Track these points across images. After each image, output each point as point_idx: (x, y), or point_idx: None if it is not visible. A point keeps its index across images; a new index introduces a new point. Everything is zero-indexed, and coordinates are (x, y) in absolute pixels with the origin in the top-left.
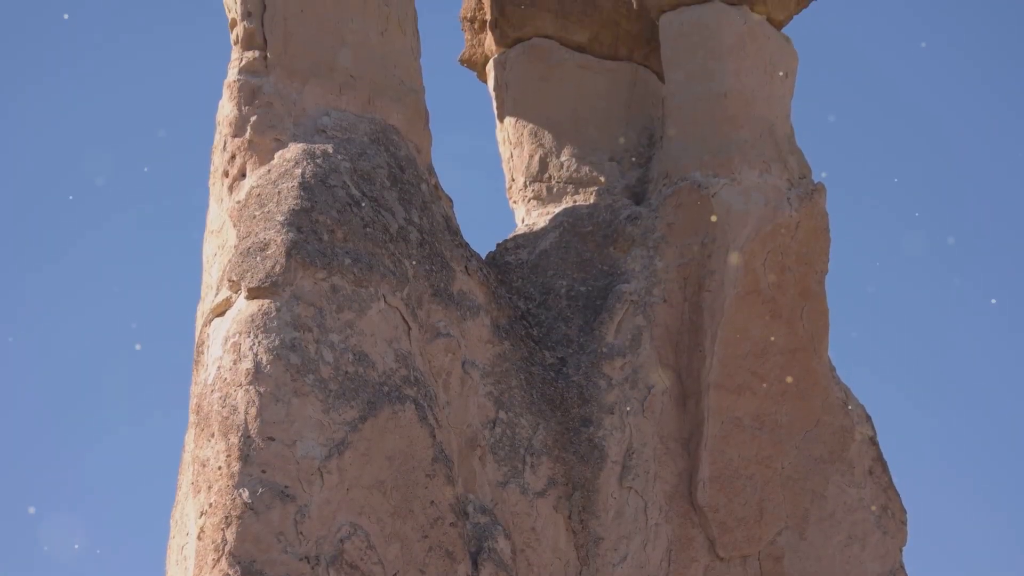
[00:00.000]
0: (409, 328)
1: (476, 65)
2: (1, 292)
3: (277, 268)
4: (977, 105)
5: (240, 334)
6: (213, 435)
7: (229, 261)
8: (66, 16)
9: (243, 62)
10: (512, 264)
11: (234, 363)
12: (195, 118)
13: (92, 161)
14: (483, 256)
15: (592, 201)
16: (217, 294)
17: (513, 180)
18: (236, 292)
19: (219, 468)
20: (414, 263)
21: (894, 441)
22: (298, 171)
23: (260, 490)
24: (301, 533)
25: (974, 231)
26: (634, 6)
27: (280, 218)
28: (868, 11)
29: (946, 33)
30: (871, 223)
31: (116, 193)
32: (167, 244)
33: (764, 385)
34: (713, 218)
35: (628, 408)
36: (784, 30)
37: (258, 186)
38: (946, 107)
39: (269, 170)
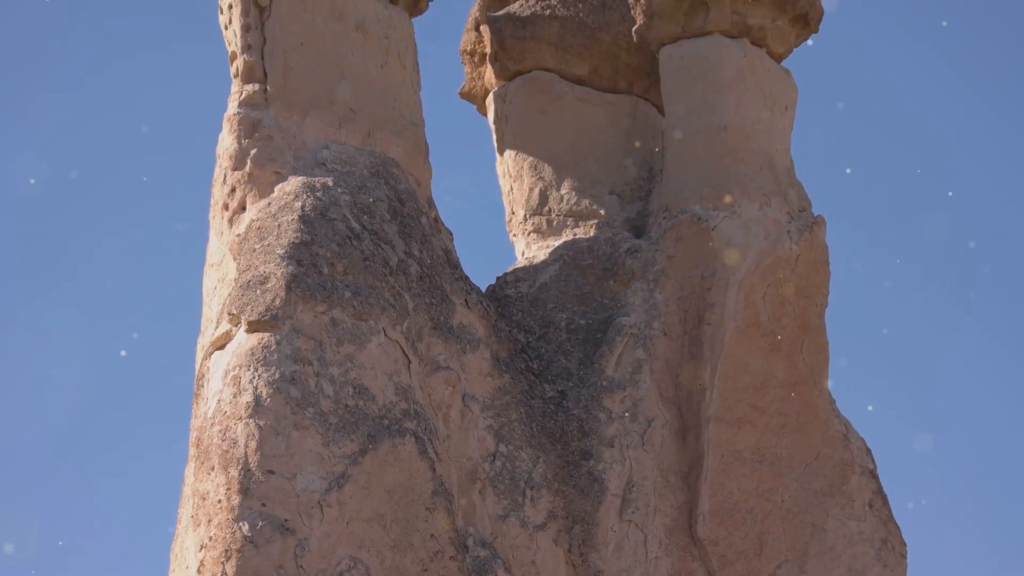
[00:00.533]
0: (409, 361)
1: (476, 98)
2: None
3: (277, 301)
4: (990, 120)
5: (240, 367)
6: (213, 468)
7: (229, 294)
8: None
9: (243, 95)
10: (512, 297)
11: (234, 396)
12: (195, 151)
13: (87, 192)
14: (483, 289)
15: (592, 234)
16: (217, 327)
17: (513, 213)
18: (236, 325)
19: (219, 501)
20: (414, 296)
21: (895, 474)
22: (298, 204)
23: (260, 523)
24: (301, 567)
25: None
26: (634, 39)
27: (280, 251)
28: (869, 42)
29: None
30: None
31: (113, 225)
32: (166, 277)
33: (764, 418)
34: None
35: (628, 441)
36: (784, 63)
37: (258, 219)
38: (956, 131)
39: (269, 203)
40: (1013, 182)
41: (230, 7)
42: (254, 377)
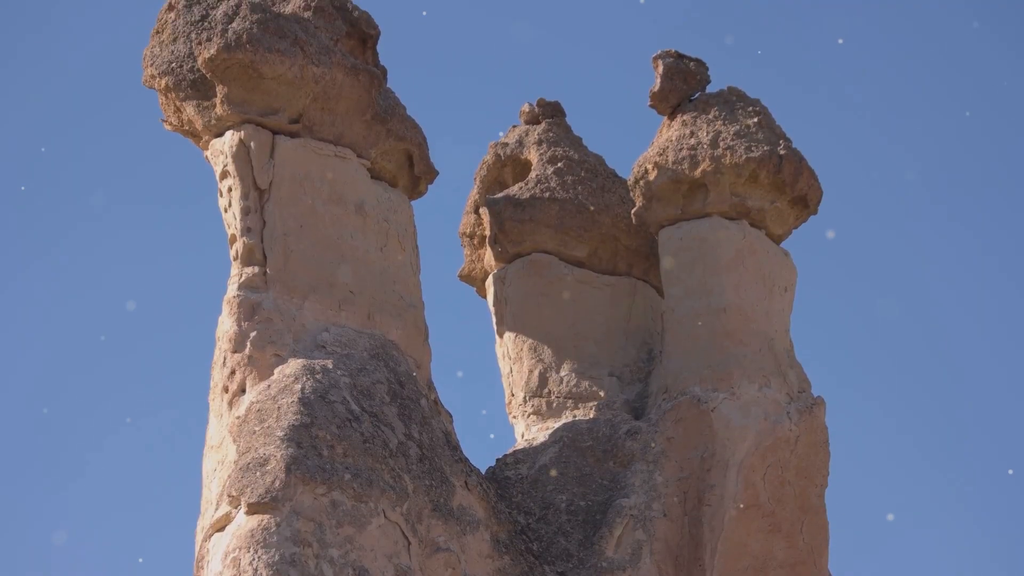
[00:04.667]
0: (409, 543)
1: (476, 280)
2: (3, 511)
3: (277, 483)
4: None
5: (240, 549)
6: None
7: (229, 476)
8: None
9: (243, 278)
10: (512, 479)
11: None
12: (195, 333)
13: (90, 377)
14: (483, 471)
15: (592, 416)
16: (217, 509)
17: (513, 395)
18: (236, 507)
19: None
20: (414, 478)
21: None
22: (298, 387)
23: None
24: None
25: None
26: (633, 221)
27: (280, 433)
28: (869, 225)
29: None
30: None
31: (113, 411)
32: (166, 459)
33: None
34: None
35: None
36: (783, 244)
37: (258, 401)
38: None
39: (269, 385)
40: (1016, 359)
41: (229, 190)
42: (254, 559)
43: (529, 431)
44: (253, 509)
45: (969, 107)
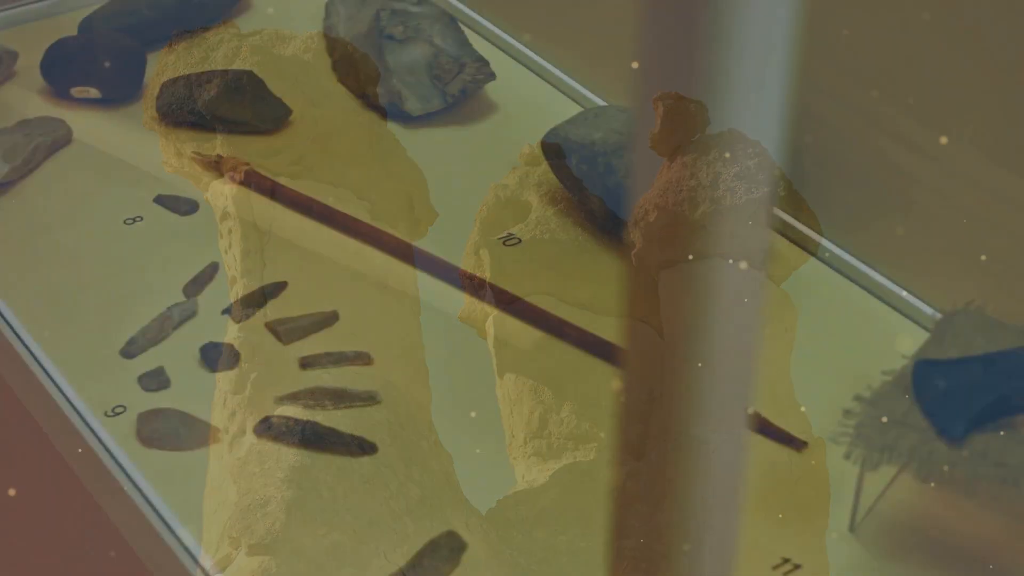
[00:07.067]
0: None
1: (476, 322)
2: None
3: (277, 525)
4: None
5: None
6: None
7: (229, 518)
8: None
9: (243, 319)
10: (512, 520)
11: None
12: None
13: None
14: (484, 512)
15: (592, 457)
16: (217, 551)
17: (513, 436)
18: (236, 549)
19: None
20: (415, 519)
21: None
22: (298, 428)
23: None
24: None
25: None
26: (633, 263)
27: (280, 475)
28: None
29: None
30: None
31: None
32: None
33: None
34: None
35: None
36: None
37: (258, 443)
38: None
39: (270, 427)
40: None
41: (230, 232)
42: None
43: (530, 472)
44: (254, 550)
45: None
